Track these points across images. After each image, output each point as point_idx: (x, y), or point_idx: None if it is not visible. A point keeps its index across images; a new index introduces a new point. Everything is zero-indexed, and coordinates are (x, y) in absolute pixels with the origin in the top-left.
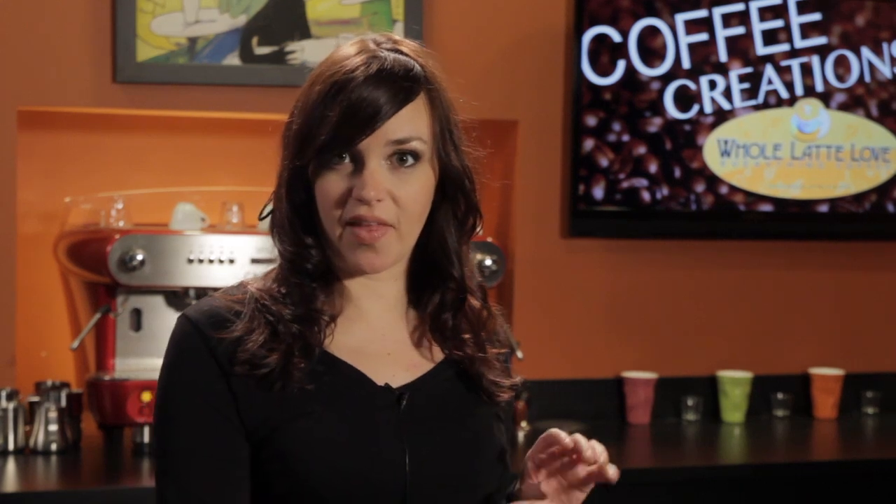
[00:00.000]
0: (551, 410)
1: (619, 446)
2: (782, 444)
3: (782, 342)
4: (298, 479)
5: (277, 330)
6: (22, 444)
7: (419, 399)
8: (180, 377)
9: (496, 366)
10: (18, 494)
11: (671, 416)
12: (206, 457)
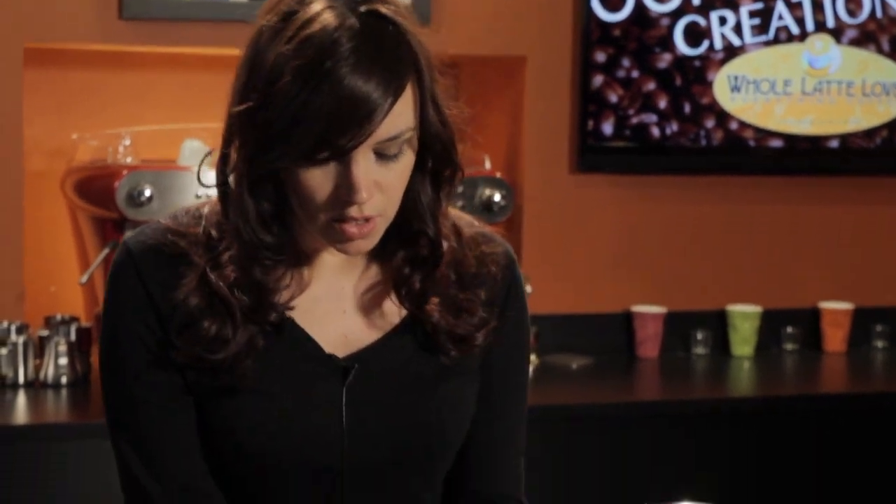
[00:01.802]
0: (560, 345)
1: (628, 380)
2: (791, 377)
3: (792, 276)
4: (234, 446)
5: (227, 305)
6: (32, 377)
7: (370, 371)
8: (118, 320)
9: (474, 319)
10: (29, 426)
11: (680, 350)
12: (151, 406)
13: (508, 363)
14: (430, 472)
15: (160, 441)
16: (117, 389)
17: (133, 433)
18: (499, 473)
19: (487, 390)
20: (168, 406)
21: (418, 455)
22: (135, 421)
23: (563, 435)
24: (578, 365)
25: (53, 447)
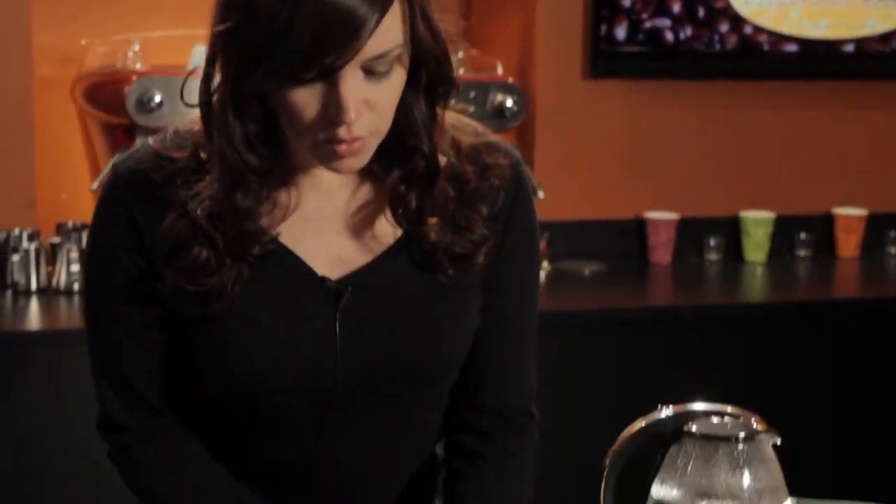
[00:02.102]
0: (573, 251)
1: (641, 286)
2: (804, 283)
3: (806, 182)
4: (226, 374)
5: (209, 236)
6: (44, 284)
7: (364, 293)
8: (102, 240)
9: (474, 236)
10: (42, 332)
11: (693, 256)
12: (130, 336)
13: (516, 275)
14: (429, 393)
15: (134, 369)
16: (97, 316)
17: (109, 361)
18: (508, 386)
19: (494, 303)
20: (144, 336)
21: (416, 377)
22: (111, 350)
23: (576, 341)
24: (591, 271)
25: (65, 353)
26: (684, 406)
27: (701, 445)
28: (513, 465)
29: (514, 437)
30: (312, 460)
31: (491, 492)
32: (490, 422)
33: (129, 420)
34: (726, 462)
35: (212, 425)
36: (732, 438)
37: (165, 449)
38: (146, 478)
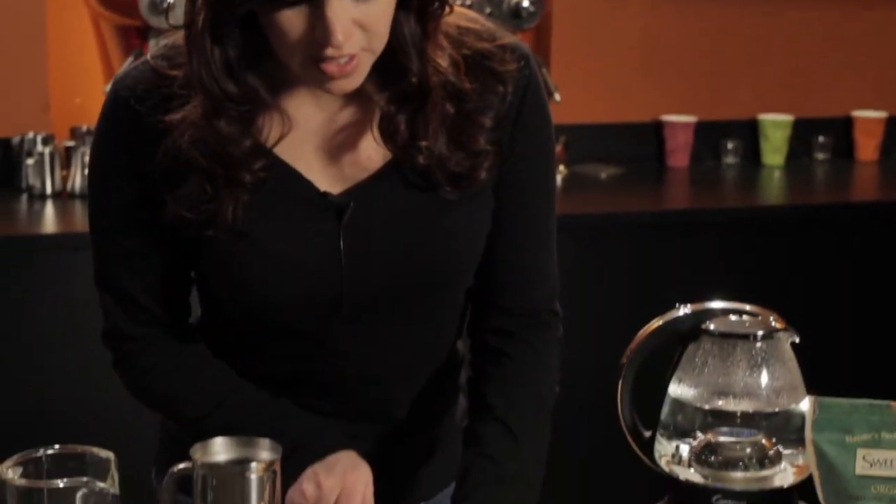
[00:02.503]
0: (589, 154)
1: (658, 189)
2: (822, 186)
3: (824, 84)
4: (231, 292)
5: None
6: (59, 188)
7: (367, 208)
8: (101, 162)
9: (476, 151)
10: (57, 236)
11: (710, 159)
12: (132, 252)
13: (530, 176)
14: (441, 299)
15: (135, 283)
16: (98, 232)
17: (111, 275)
18: (529, 287)
19: (510, 206)
20: (146, 252)
21: (425, 287)
22: (112, 264)
23: (592, 244)
24: (608, 174)
25: (80, 256)
26: (702, 304)
27: (719, 344)
28: (536, 363)
29: (537, 335)
30: (326, 371)
31: (513, 390)
32: (513, 322)
33: (132, 330)
34: (744, 360)
35: (222, 340)
36: (750, 336)
37: (168, 353)
38: (149, 381)
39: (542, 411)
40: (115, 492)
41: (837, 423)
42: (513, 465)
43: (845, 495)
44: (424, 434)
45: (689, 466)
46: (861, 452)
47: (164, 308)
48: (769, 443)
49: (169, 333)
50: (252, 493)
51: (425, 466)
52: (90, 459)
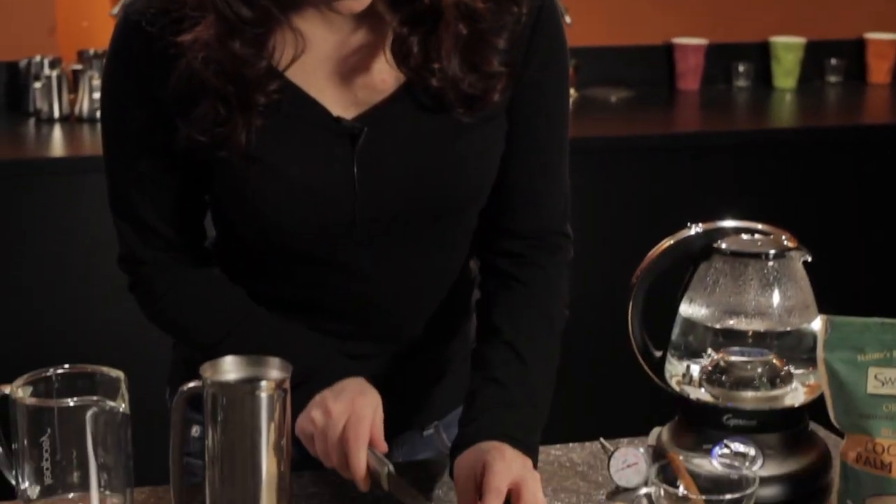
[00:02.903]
0: (600, 77)
1: (669, 112)
2: (834, 108)
3: (837, 6)
4: (245, 216)
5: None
6: (67, 111)
7: (381, 132)
8: (114, 87)
9: (490, 73)
10: (65, 159)
11: (721, 82)
12: (145, 177)
13: (543, 99)
14: (454, 222)
15: (149, 208)
16: (112, 158)
17: (125, 200)
18: (540, 210)
19: (522, 129)
20: (160, 178)
21: (439, 210)
22: (126, 190)
23: (603, 168)
24: (618, 98)
25: (88, 180)
26: (713, 224)
27: (730, 263)
28: (546, 285)
29: (547, 258)
30: (339, 294)
31: (522, 314)
32: (523, 244)
33: (146, 254)
34: (756, 279)
35: (236, 263)
36: (762, 255)
37: (182, 278)
38: (162, 306)
39: (551, 334)
40: (126, 411)
41: (849, 342)
42: (520, 389)
43: (857, 414)
44: (435, 354)
45: (699, 386)
46: (873, 371)
47: (179, 232)
48: (780, 362)
49: (183, 258)
50: (262, 412)
51: (436, 386)
52: (100, 379)
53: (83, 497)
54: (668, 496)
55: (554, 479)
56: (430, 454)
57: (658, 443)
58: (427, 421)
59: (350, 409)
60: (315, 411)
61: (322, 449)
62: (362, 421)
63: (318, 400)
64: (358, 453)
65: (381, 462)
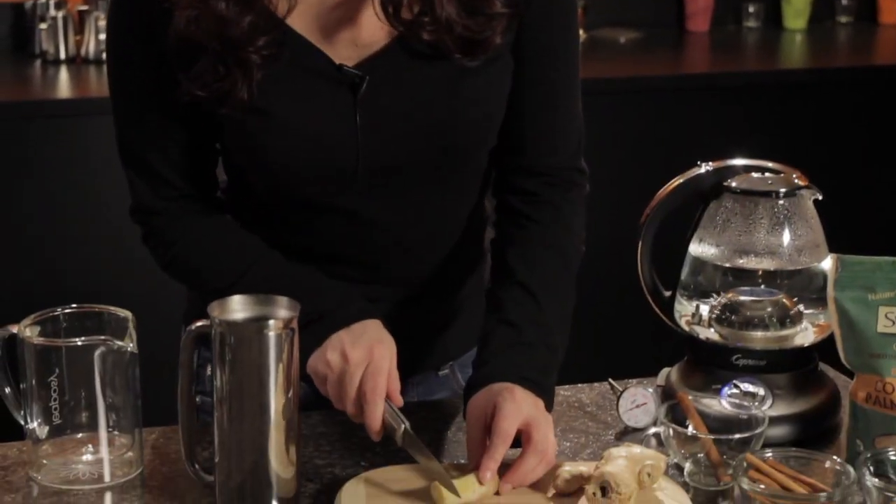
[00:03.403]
0: (608, 18)
1: (678, 53)
2: (845, 49)
3: None
4: (250, 162)
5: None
6: (73, 53)
7: (383, 78)
8: (118, 43)
9: (492, 14)
10: (71, 101)
11: (731, 23)
12: (144, 117)
13: (550, 38)
14: (463, 165)
15: (159, 158)
16: (119, 110)
17: (134, 151)
18: (553, 147)
19: (531, 68)
20: (167, 128)
21: (446, 155)
22: (135, 141)
23: (611, 108)
24: (627, 39)
25: (94, 121)
26: (724, 162)
27: (741, 201)
28: (560, 224)
29: (561, 195)
30: (349, 240)
31: (536, 253)
32: (536, 182)
33: (158, 204)
34: (766, 218)
35: (247, 211)
36: (773, 194)
37: (193, 225)
38: (175, 253)
39: (566, 273)
40: (134, 350)
41: (860, 281)
42: (534, 330)
43: (867, 353)
44: (449, 296)
45: (709, 326)
46: (883, 310)
47: (189, 182)
48: (790, 302)
49: (195, 206)
50: (270, 351)
51: (451, 327)
52: (108, 318)
53: (92, 437)
54: (676, 436)
55: (562, 420)
56: (445, 394)
57: (667, 383)
58: (442, 362)
59: (369, 357)
60: (332, 354)
61: (336, 394)
62: (380, 373)
63: (336, 342)
64: (375, 407)
65: (397, 419)
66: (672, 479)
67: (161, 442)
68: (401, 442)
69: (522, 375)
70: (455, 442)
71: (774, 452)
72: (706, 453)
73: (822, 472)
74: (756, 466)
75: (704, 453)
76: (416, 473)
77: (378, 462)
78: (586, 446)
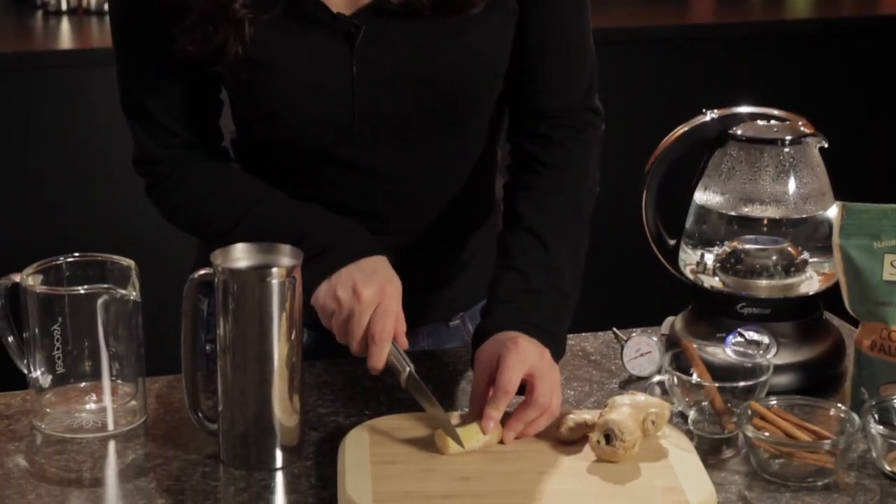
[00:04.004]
0: None
1: (683, 2)
2: None
3: None
4: (252, 111)
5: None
6: (74, 4)
7: (382, 28)
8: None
9: None
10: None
11: None
12: (146, 70)
13: None
14: (465, 119)
15: (161, 108)
16: (121, 62)
17: (136, 103)
18: (562, 88)
19: (536, 6)
20: (169, 80)
21: (446, 109)
22: (137, 93)
23: (616, 58)
24: None
25: (96, 72)
26: (729, 109)
27: (746, 149)
28: (571, 167)
29: (574, 137)
30: (356, 189)
31: (546, 198)
32: (549, 124)
33: (160, 153)
34: (771, 166)
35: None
36: (778, 142)
37: (198, 170)
38: (178, 200)
39: (577, 218)
40: (137, 299)
41: (865, 229)
42: (542, 276)
43: (872, 301)
44: (459, 245)
45: (713, 275)
46: (889, 258)
47: (191, 131)
48: (795, 250)
49: (197, 155)
50: (273, 299)
51: (461, 277)
52: (111, 267)
53: (95, 386)
54: (681, 384)
55: (567, 368)
56: (456, 344)
57: (671, 332)
58: (453, 312)
59: (380, 296)
60: (343, 291)
61: (342, 331)
62: (389, 315)
63: (346, 279)
64: (382, 350)
65: (402, 361)
66: (676, 428)
67: (165, 391)
68: (405, 385)
69: (529, 323)
70: (462, 391)
71: (779, 400)
72: (710, 401)
73: (826, 419)
74: (760, 414)
75: (709, 401)
76: (420, 422)
77: (382, 410)
78: (590, 395)
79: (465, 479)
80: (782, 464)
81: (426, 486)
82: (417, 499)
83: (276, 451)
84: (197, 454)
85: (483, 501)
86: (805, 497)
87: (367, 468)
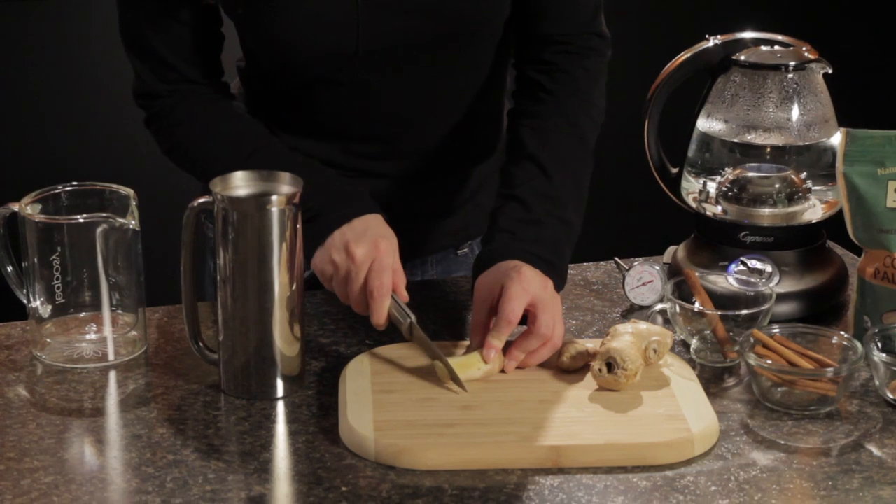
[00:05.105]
0: None
1: None
2: None
3: None
4: (257, 40)
5: None
6: None
7: None
8: None
9: None
10: None
11: None
12: (155, 14)
13: None
14: (469, 48)
15: (162, 41)
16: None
17: (136, 35)
18: (567, 12)
19: None
20: (171, 12)
21: (449, 39)
22: (138, 26)
23: None
24: None
25: (96, 2)
26: (732, 35)
27: (749, 75)
28: (575, 94)
29: (579, 63)
30: (361, 115)
31: (548, 126)
32: (553, 51)
33: (161, 88)
34: (775, 92)
35: (263, 89)
36: (782, 67)
37: (197, 109)
38: (178, 138)
39: (581, 146)
40: (136, 227)
41: (869, 156)
42: (544, 205)
43: (875, 229)
44: (466, 173)
45: (716, 203)
46: (892, 185)
47: (193, 66)
48: (798, 178)
49: (199, 91)
50: (273, 227)
51: (469, 205)
52: (110, 196)
53: (95, 316)
54: (683, 313)
55: (568, 298)
56: (464, 273)
57: (673, 261)
58: (461, 241)
59: (373, 253)
60: (336, 253)
61: (342, 292)
62: (385, 270)
63: (339, 240)
64: (381, 305)
65: (403, 313)
66: (678, 356)
67: (165, 321)
68: (407, 336)
69: (531, 251)
70: (468, 322)
71: (781, 328)
72: (712, 330)
73: (828, 347)
74: (763, 342)
75: (711, 330)
76: (421, 351)
77: (383, 340)
78: (592, 324)
79: (466, 407)
80: (784, 392)
81: (427, 414)
82: (419, 427)
83: (277, 380)
84: (198, 384)
85: (484, 430)
86: (807, 425)
87: (368, 397)
